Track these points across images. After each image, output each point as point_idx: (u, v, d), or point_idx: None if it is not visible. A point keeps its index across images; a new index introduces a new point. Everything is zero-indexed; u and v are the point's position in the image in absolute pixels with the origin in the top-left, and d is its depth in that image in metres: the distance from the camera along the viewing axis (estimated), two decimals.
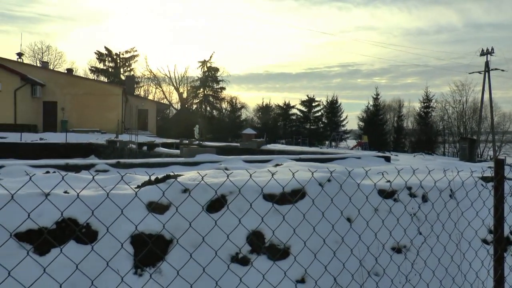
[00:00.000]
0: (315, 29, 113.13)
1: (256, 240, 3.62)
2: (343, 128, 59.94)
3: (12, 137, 26.46)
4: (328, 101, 60.62)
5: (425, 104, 56.11)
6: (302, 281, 3.51)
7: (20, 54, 44.02)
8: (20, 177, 6.41)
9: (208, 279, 3.00)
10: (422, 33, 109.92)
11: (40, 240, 3.07)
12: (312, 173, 3.78)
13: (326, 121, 60.72)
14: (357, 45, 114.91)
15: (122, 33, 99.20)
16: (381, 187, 4.65)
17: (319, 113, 61.46)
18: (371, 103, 58.23)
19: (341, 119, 60.73)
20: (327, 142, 54.69)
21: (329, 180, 4.36)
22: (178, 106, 63.71)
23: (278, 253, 3.58)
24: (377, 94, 58.18)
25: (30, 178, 2.43)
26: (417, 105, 62.54)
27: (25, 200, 3.14)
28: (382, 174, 4.60)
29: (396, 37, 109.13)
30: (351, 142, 55.92)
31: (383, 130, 57.32)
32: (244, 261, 3.51)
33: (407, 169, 6.46)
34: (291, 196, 3.94)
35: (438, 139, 55.00)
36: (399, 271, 3.87)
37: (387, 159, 12.97)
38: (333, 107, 60.23)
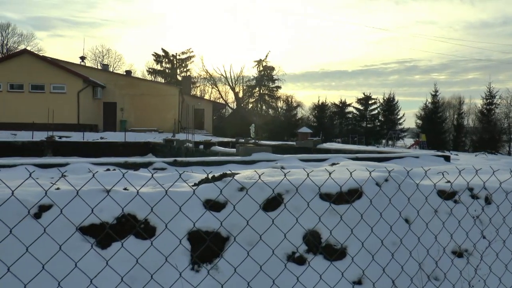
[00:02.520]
0: (372, 25, 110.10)
1: (312, 239, 3.58)
2: (400, 127, 58.29)
3: (76, 136, 27.84)
4: (385, 98, 59.20)
5: (488, 100, 53.43)
6: (359, 282, 3.45)
7: (82, 58, 46.11)
8: (83, 174, 6.72)
9: (264, 277, 3.01)
10: (486, 25, 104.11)
11: (103, 234, 3.19)
12: (370, 172, 3.69)
13: (382, 119, 59.31)
14: (415, 41, 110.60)
15: (179, 34, 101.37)
16: (440, 187, 4.48)
17: (376, 111, 60.17)
18: (429, 100, 56.16)
19: (398, 117, 59.14)
20: (383, 141, 53.39)
21: (386, 180, 4.26)
22: (234, 105, 64.50)
23: (335, 253, 3.53)
24: (436, 91, 56.06)
25: (93, 176, 2.53)
26: (479, 102, 59.84)
27: (88, 196, 3.27)
28: (442, 174, 4.43)
29: (458, 31, 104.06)
30: (409, 141, 54.24)
31: (442, 128, 55.20)
32: (300, 261, 3.49)
33: (468, 169, 6.19)
34: (348, 195, 3.87)
35: (502, 138, 52.22)
36: (461, 276, 3.70)
37: (447, 159, 12.53)
38: (389, 105, 58.73)
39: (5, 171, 6.87)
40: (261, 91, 63.58)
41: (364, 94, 60.22)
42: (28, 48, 53.39)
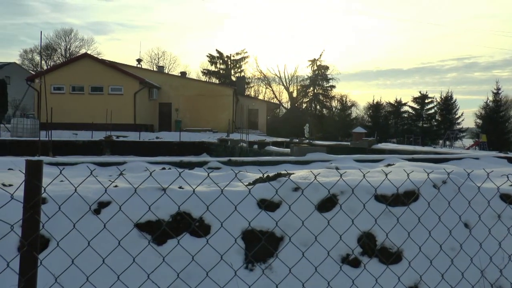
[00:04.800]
0: (429, 20, 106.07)
1: (368, 242, 3.51)
2: (458, 126, 56.04)
3: (132, 136, 28.80)
4: (442, 97, 57.14)
5: None
6: None
7: (139, 60, 47.62)
8: (139, 173, 6.93)
9: (319, 279, 2.98)
10: None
11: (159, 231, 3.27)
12: (428, 174, 3.57)
13: (439, 118, 57.27)
14: (474, 36, 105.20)
15: (233, 35, 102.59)
16: (504, 191, 4.26)
17: (432, 111, 58.18)
18: (491, 98, 53.61)
19: (456, 116, 56.91)
20: (440, 141, 51.52)
21: (444, 182, 4.10)
22: (288, 105, 64.43)
23: (391, 257, 3.44)
24: (498, 89, 53.44)
25: (151, 174, 2.60)
26: None
27: (145, 193, 3.37)
28: (507, 177, 4.20)
29: None
30: (467, 141, 52.03)
31: (505, 129, 52.55)
32: (355, 263, 3.43)
33: None
34: (404, 197, 3.76)
35: None
36: None
37: (511, 161, 11.89)
38: (447, 104, 56.62)
39: (68, 169, 7.20)
40: (315, 91, 63.07)
41: (420, 92, 58.32)
42: (88, 52, 55.78)
